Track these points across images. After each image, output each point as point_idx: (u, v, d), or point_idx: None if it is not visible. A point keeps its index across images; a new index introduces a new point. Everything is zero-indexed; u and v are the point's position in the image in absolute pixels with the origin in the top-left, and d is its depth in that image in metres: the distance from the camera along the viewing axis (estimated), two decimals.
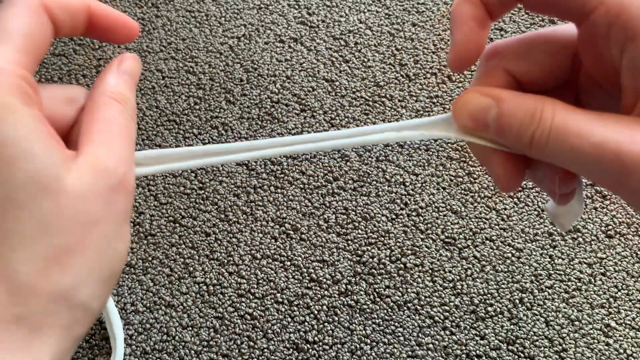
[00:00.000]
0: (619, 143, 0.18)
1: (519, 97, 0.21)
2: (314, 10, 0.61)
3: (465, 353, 0.43)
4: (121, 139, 0.22)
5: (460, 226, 0.48)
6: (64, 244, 0.20)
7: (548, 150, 0.20)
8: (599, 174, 0.20)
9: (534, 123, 0.20)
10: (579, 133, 0.19)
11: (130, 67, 0.24)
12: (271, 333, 0.43)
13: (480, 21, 0.22)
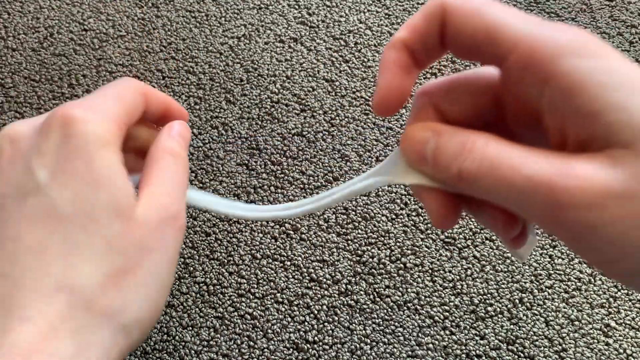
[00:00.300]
0: (551, 176, 0.18)
1: (455, 129, 0.21)
2: (314, 11, 0.61)
3: (465, 353, 0.43)
4: (174, 182, 0.25)
5: (460, 226, 0.48)
6: (122, 264, 0.22)
7: (479, 183, 0.20)
8: (533, 208, 0.19)
9: (464, 154, 0.20)
10: (511, 165, 0.19)
11: (180, 131, 0.28)
12: (271, 333, 0.43)
13: (405, 68, 0.23)
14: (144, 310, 0.23)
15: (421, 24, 0.22)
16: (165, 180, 0.25)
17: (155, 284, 0.23)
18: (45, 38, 0.59)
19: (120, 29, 0.59)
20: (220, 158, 0.51)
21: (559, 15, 0.60)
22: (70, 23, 0.60)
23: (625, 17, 0.60)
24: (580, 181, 0.18)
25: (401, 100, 0.23)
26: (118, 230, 0.23)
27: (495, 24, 0.21)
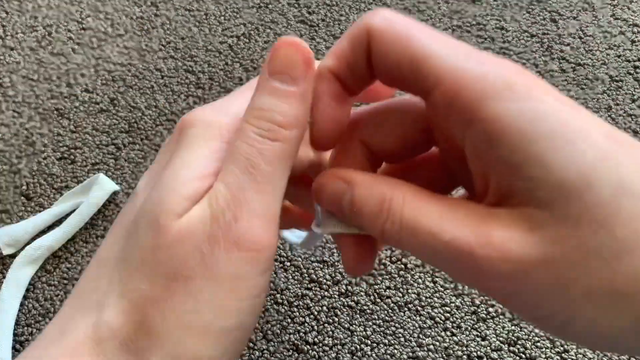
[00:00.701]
0: (471, 244, 0.17)
1: (371, 182, 0.19)
2: (314, 9, 0.61)
3: (467, 354, 0.42)
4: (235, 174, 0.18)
5: None
6: (148, 293, 0.17)
7: (403, 245, 0.19)
8: (457, 273, 0.18)
9: (383, 215, 0.19)
10: (430, 230, 0.18)
11: (276, 63, 0.20)
12: (271, 334, 0.43)
13: (337, 98, 0.20)
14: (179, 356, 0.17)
15: (347, 50, 0.20)
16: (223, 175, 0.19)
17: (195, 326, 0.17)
18: (43, 37, 0.59)
19: (118, 28, 0.59)
20: None
21: (561, 14, 0.60)
22: (68, 22, 0.60)
23: (628, 15, 0.60)
24: (499, 252, 0.17)
25: (337, 131, 0.21)
26: (148, 243, 0.18)
27: (420, 54, 0.18)
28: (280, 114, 0.19)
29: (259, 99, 0.20)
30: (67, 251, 0.46)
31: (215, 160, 0.19)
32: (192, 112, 0.21)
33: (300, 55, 0.19)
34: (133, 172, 0.50)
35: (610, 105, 0.54)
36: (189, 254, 0.17)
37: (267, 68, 0.20)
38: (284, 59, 0.19)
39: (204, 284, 0.17)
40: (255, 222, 0.18)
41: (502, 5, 0.61)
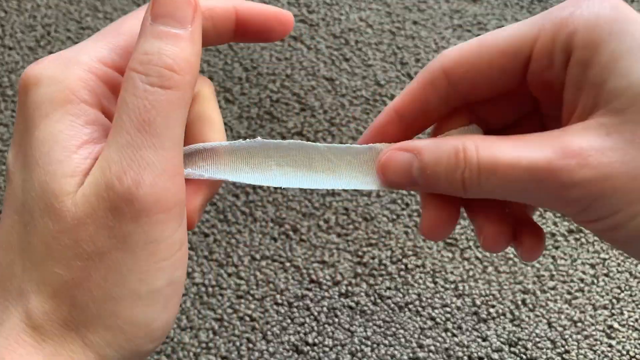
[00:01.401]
0: (550, 160, 0.18)
1: (436, 142, 0.20)
2: (314, 9, 0.60)
3: (467, 355, 0.42)
4: (128, 132, 0.17)
5: (462, 226, 0.47)
6: (67, 277, 0.17)
7: (483, 188, 0.19)
8: (539, 195, 0.19)
9: (460, 165, 0.19)
10: (509, 163, 0.19)
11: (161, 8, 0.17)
12: (271, 335, 0.43)
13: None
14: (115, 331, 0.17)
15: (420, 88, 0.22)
16: (112, 136, 0.17)
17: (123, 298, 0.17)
18: (42, 36, 0.58)
19: None
20: None
21: None
22: (67, 21, 0.59)
23: None
24: (579, 159, 0.18)
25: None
26: (51, 231, 0.17)
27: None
28: (171, 56, 0.17)
29: (143, 43, 0.17)
30: None
31: (81, 125, 0.18)
32: (35, 65, 0.18)
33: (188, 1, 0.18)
34: None
35: None
36: (95, 232, 0.17)
37: (150, 13, 0.18)
38: (168, 1, 0.18)
39: (121, 256, 0.17)
40: (159, 182, 0.17)
41: (503, 5, 0.61)
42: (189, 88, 0.18)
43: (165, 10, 0.17)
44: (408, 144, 0.21)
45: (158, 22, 0.17)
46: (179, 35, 0.17)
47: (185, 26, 0.18)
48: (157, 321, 0.18)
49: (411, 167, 0.20)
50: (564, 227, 0.47)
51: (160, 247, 0.17)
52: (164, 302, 0.18)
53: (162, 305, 0.18)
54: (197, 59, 0.18)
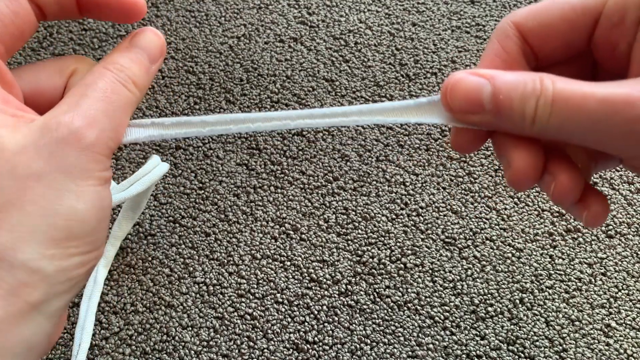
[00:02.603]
0: (627, 93, 0.18)
1: (511, 72, 0.20)
2: (314, 10, 0.61)
3: (466, 353, 0.43)
4: (92, 99, 0.21)
5: (460, 226, 0.48)
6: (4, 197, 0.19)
7: (552, 122, 0.19)
8: (611, 131, 0.19)
9: (535, 93, 0.19)
10: (583, 94, 0.19)
11: (142, 42, 0.23)
12: (271, 333, 0.43)
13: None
14: (48, 242, 0.19)
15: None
16: (78, 97, 0.21)
17: (56, 211, 0.19)
18: (44, 38, 0.59)
19: (119, 29, 0.59)
20: (220, 158, 0.51)
21: None
22: (69, 23, 0.60)
23: None
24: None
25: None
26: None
27: None
28: (137, 77, 0.23)
29: (123, 58, 0.22)
30: None
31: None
32: None
33: (160, 42, 0.23)
34: (134, 172, 0.50)
35: None
36: (34, 157, 0.19)
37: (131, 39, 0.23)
38: (149, 40, 0.23)
39: (60, 177, 0.20)
40: (106, 134, 0.21)
41: (502, 6, 0.61)
42: (137, 102, 0.23)
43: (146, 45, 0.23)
44: (480, 70, 0.21)
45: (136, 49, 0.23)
46: (147, 68, 0.23)
47: (152, 62, 0.23)
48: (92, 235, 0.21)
49: (481, 92, 0.20)
50: (562, 226, 0.48)
51: (94, 175, 0.21)
52: (95, 222, 0.21)
53: (95, 225, 0.21)
54: (148, 86, 0.24)
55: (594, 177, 0.50)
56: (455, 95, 0.21)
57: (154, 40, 0.23)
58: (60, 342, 0.43)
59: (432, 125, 0.53)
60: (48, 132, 0.20)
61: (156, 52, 0.23)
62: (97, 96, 0.21)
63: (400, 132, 0.53)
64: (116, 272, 0.46)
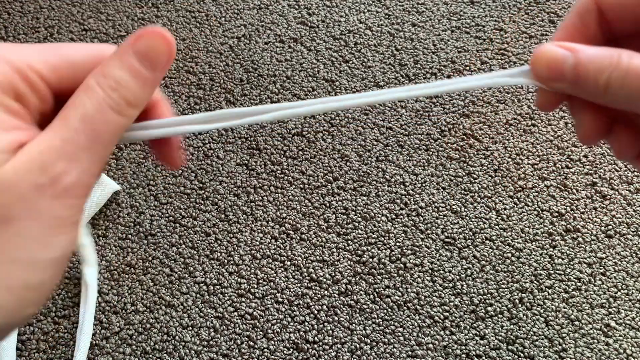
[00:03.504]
0: None
1: (594, 47, 0.23)
2: (314, 11, 0.61)
3: (465, 353, 0.43)
4: (74, 131, 0.19)
5: (460, 226, 0.48)
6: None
7: (623, 91, 0.21)
8: None
9: (611, 65, 0.22)
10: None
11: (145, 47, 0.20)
12: (271, 333, 0.43)
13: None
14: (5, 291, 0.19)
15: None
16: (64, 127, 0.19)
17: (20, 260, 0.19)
18: (45, 38, 0.59)
19: (120, 29, 0.59)
20: (220, 158, 0.51)
21: (559, 15, 0.60)
22: (70, 23, 0.60)
23: None
24: None
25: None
26: None
27: None
28: (133, 94, 0.20)
29: (118, 71, 0.20)
30: None
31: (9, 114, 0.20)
32: None
33: (167, 48, 0.21)
34: (134, 172, 0.50)
35: None
36: (13, 200, 0.19)
37: (132, 43, 0.21)
38: (151, 44, 0.21)
39: (30, 224, 0.19)
40: (83, 178, 0.20)
41: (501, 7, 0.61)
42: (134, 118, 0.21)
43: (146, 49, 0.21)
44: (566, 43, 0.24)
45: (137, 57, 0.21)
46: (147, 78, 0.21)
47: (155, 71, 0.21)
48: (46, 286, 0.20)
49: (564, 63, 0.23)
50: (561, 226, 0.48)
51: (65, 222, 0.20)
52: (54, 272, 0.20)
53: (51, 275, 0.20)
54: (150, 97, 0.21)
55: (594, 178, 0.50)
56: (542, 63, 0.24)
57: (160, 45, 0.21)
58: (60, 341, 0.43)
59: (432, 126, 0.53)
60: (30, 174, 0.19)
61: (161, 59, 0.21)
62: (81, 128, 0.20)
63: (400, 132, 0.53)
64: (116, 271, 0.46)
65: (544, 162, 0.51)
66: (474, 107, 0.54)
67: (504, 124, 0.53)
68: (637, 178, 0.50)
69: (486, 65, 0.57)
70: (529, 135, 0.52)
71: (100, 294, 0.45)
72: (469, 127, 0.53)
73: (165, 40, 0.21)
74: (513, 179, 0.50)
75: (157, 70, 0.21)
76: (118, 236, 0.47)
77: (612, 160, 0.51)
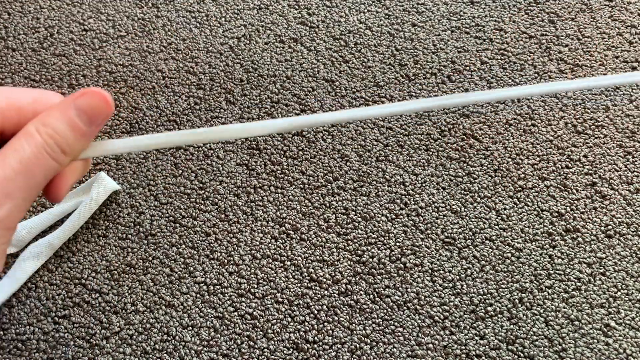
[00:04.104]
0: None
1: None
2: (314, 11, 0.61)
3: (465, 353, 0.43)
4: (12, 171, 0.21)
5: (460, 226, 0.48)
6: None
7: None
8: None
9: None
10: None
11: (85, 104, 0.23)
12: (271, 333, 0.43)
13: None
14: None
15: None
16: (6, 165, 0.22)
17: None
18: (45, 38, 0.59)
19: (120, 29, 0.60)
20: (220, 158, 0.51)
21: (559, 15, 0.60)
22: (70, 23, 0.60)
23: (625, 17, 0.60)
24: None
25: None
26: None
27: None
28: (69, 145, 0.23)
29: (58, 122, 0.23)
30: (69, 250, 0.46)
31: None
32: None
33: (105, 108, 0.23)
34: (135, 172, 0.50)
35: (608, 105, 0.54)
36: None
37: (74, 99, 0.23)
38: (92, 103, 0.23)
39: None
40: (14, 211, 0.22)
41: (501, 7, 0.61)
42: (67, 164, 0.24)
43: (87, 107, 0.23)
44: None
45: (77, 112, 0.23)
46: (83, 131, 0.23)
47: (91, 126, 0.23)
48: None
49: None
50: (561, 226, 0.48)
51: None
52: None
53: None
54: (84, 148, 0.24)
55: (594, 178, 0.50)
56: None
57: (100, 105, 0.23)
58: (60, 341, 0.43)
59: (432, 126, 0.53)
60: None
61: (99, 117, 0.23)
62: (19, 169, 0.21)
63: (400, 132, 0.53)
64: (116, 271, 0.46)
65: (544, 162, 0.51)
66: (474, 107, 0.54)
67: (504, 124, 0.53)
68: (637, 178, 0.50)
69: (486, 65, 0.57)
70: (529, 135, 0.52)
71: (100, 294, 0.45)
72: (469, 127, 0.53)
73: (105, 101, 0.23)
74: (513, 179, 0.50)
75: (93, 125, 0.23)
76: (118, 236, 0.47)
77: (612, 160, 0.51)
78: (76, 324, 0.43)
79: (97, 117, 0.23)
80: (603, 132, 0.53)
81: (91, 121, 0.23)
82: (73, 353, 0.42)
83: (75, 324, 0.43)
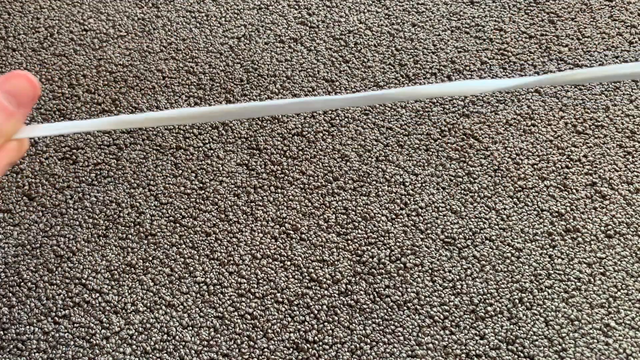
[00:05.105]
0: None
1: None
2: (314, 11, 0.61)
3: (465, 353, 0.43)
4: None
5: (459, 226, 0.48)
6: None
7: None
8: None
9: None
10: None
11: (11, 87, 0.24)
12: (271, 333, 0.43)
13: None
14: None
15: None
16: None
17: None
18: (45, 38, 0.59)
19: (120, 29, 0.60)
20: (220, 158, 0.51)
21: (559, 15, 0.60)
22: (70, 23, 0.60)
23: (625, 17, 0.60)
24: None
25: None
26: None
27: None
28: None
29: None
30: (69, 250, 0.47)
31: None
32: None
33: (32, 91, 0.25)
34: (135, 172, 0.50)
35: (608, 105, 0.54)
36: None
37: (2, 82, 0.24)
38: (19, 85, 0.24)
39: None
40: None
41: (501, 7, 0.61)
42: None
43: (14, 90, 0.24)
44: None
45: (4, 95, 0.24)
46: (13, 113, 0.24)
47: (19, 107, 0.25)
48: None
49: None
50: (561, 226, 0.48)
51: None
52: None
53: None
54: (16, 130, 0.25)
55: (593, 178, 0.50)
56: None
57: (25, 86, 0.25)
58: (60, 341, 0.43)
59: (432, 126, 0.53)
60: None
61: (26, 98, 0.25)
62: None
63: (400, 132, 0.53)
64: (117, 271, 0.46)
65: (544, 162, 0.51)
66: (474, 107, 0.54)
67: (504, 124, 0.53)
68: (637, 178, 0.50)
69: (486, 65, 0.57)
70: (528, 135, 0.52)
71: (101, 294, 0.45)
72: (469, 127, 0.53)
73: (30, 82, 0.25)
74: (513, 179, 0.50)
75: (21, 106, 0.24)
76: (118, 236, 0.47)
77: (612, 160, 0.51)
78: (76, 324, 0.43)
79: (24, 98, 0.25)
80: (603, 132, 0.53)
81: (19, 102, 0.24)
82: (73, 353, 0.42)
83: (76, 323, 0.43)
